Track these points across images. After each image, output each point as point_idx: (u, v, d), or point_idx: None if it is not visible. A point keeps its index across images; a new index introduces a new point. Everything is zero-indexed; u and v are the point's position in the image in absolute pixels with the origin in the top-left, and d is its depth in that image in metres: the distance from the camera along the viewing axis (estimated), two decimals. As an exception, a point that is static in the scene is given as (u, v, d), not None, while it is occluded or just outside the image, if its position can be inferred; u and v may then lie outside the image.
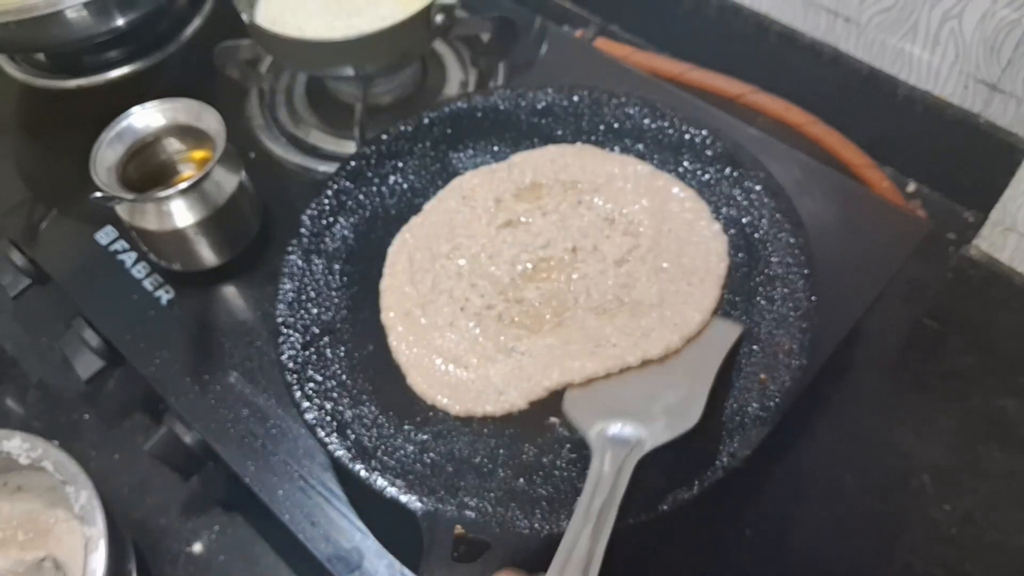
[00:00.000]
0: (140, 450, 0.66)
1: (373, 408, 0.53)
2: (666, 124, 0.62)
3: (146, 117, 0.64)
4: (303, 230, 0.59)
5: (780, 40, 0.77)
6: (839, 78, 0.76)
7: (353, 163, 0.63)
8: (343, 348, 0.56)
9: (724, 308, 0.55)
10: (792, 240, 0.55)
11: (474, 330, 0.55)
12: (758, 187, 0.58)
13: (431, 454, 0.51)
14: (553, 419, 0.52)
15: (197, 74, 0.79)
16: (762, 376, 0.50)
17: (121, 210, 0.63)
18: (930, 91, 0.71)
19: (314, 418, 0.51)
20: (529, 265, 0.57)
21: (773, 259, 0.55)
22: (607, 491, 0.44)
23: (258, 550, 0.64)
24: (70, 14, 0.72)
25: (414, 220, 0.61)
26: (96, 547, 0.54)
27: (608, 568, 0.54)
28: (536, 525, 0.46)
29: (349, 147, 0.73)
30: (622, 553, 0.55)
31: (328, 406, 0.52)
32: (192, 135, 0.65)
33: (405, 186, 0.64)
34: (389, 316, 0.57)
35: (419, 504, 0.47)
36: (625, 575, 0.55)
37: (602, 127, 0.64)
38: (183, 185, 0.60)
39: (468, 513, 0.47)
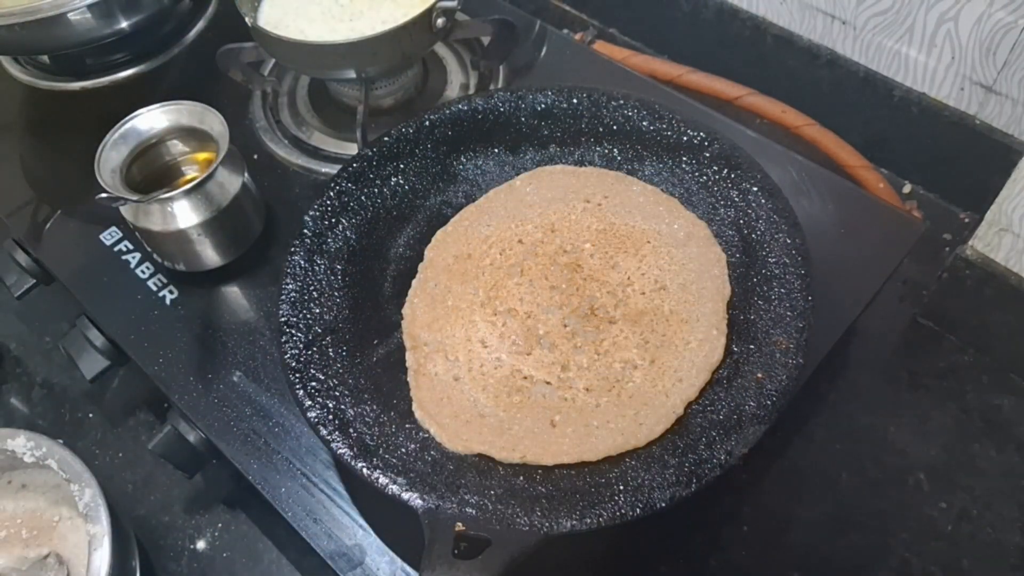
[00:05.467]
0: (144, 448, 0.67)
1: (375, 407, 0.54)
2: (664, 126, 0.63)
3: (150, 119, 0.65)
4: (306, 231, 0.60)
5: (777, 43, 0.78)
6: (836, 80, 0.76)
7: (355, 164, 0.63)
8: (345, 348, 0.56)
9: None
10: (789, 241, 0.56)
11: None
12: (755, 188, 0.59)
13: (432, 452, 0.52)
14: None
15: (201, 76, 0.80)
16: (759, 375, 0.51)
17: (125, 211, 0.63)
18: (926, 93, 0.72)
19: (316, 416, 0.52)
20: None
21: (770, 259, 0.56)
22: None
23: (261, 547, 0.65)
24: (74, 16, 0.72)
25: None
26: (100, 544, 0.55)
27: (609, 565, 0.55)
28: (536, 523, 0.47)
29: (351, 149, 0.73)
30: (622, 549, 0.55)
31: (330, 404, 0.53)
32: (196, 137, 0.66)
33: (406, 187, 0.64)
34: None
35: (420, 501, 0.48)
36: (625, 571, 0.55)
37: (601, 129, 0.64)
38: (187, 186, 0.61)
39: (468, 510, 0.47)
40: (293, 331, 0.55)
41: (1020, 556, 0.56)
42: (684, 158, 0.62)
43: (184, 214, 0.62)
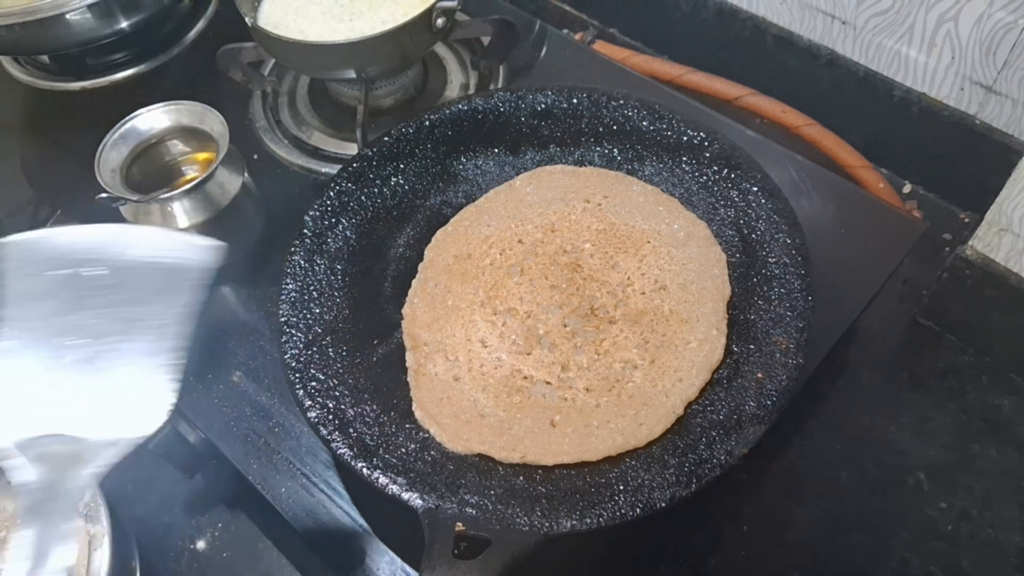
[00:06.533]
0: (144, 448, 0.66)
1: (375, 407, 0.54)
2: (664, 126, 0.63)
3: (150, 119, 0.65)
4: (306, 231, 0.60)
5: (777, 43, 0.78)
6: (836, 80, 0.76)
7: (355, 164, 0.63)
8: (345, 348, 0.56)
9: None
10: (789, 241, 0.56)
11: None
12: (755, 188, 0.59)
13: (432, 452, 0.52)
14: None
15: (201, 77, 0.80)
16: (759, 375, 0.51)
17: (126, 211, 0.63)
18: (926, 93, 0.72)
19: (316, 416, 0.52)
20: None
21: (771, 259, 0.56)
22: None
23: (261, 547, 0.64)
24: (74, 16, 0.73)
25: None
26: (100, 544, 0.55)
27: (609, 565, 0.55)
28: (536, 523, 0.47)
29: (351, 149, 0.73)
30: (622, 549, 0.55)
31: (330, 404, 0.53)
32: (196, 137, 0.66)
33: (406, 187, 0.64)
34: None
35: (420, 501, 0.48)
36: (625, 571, 0.55)
37: (601, 129, 0.64)
38: (187, 186, 0.61)
39: (468, 510, 0.48)
40: (293, 331, 0.55)
41: (1020, 556, 0.56)
42: (684, 158, 0.62)
43: (184, 214, 0.62)
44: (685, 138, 0.62)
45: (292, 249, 0.59)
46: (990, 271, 0.61)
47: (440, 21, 0.67)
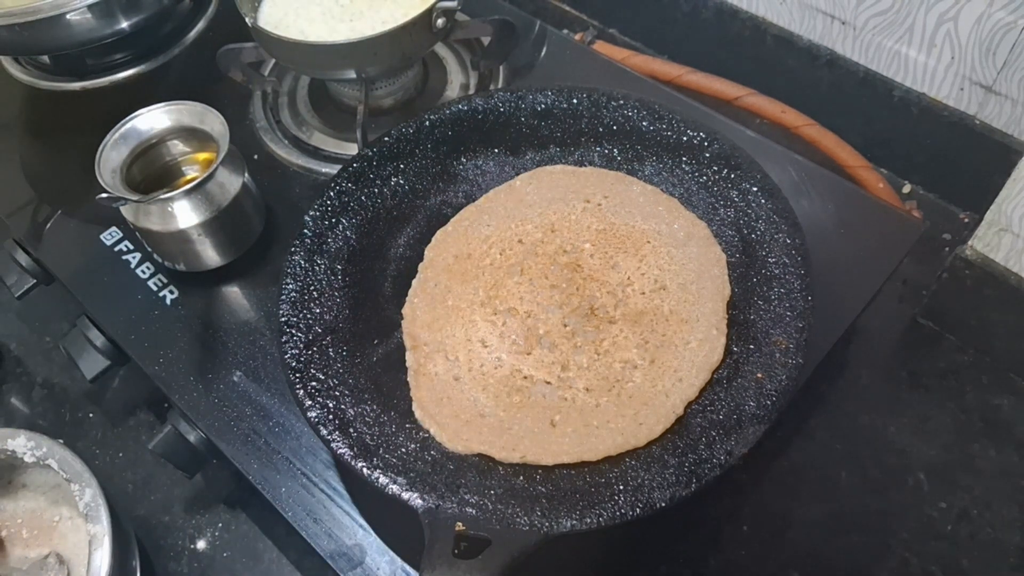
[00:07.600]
0: (144, 448, 0.67)
1: (375, 407, 0.54)
2: (664, 126, 0.63)
3: (151, 119, 0.65)
4: (306, 231, 0.60)
5: (777, 43, 0.78)
6: (836, 80, 0.76)
7: (355, 164, 0.63)
8: (345, 348, 0.56)
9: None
10: (789, 241, 0.56)
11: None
12: (755, 188, 0.59)
13: (432, 452, 0.52)
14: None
15: (201, 77, 0.80)
16: (759, 375, 0.51)
17: (126, 211, 0.63)
18: (926, 93, 0.72)
19: (316, 416, 0.52)
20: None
21: (770, 260, 0.56)
22: None
23: (261, 547, 0.65)
24: (74, 16, 0.72)
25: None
26: (100, 544, 0.55)
27: (609, 565, 0.55)
28: (536, 522, 0.47)
29: (351, 149, 0.73)
30: (622, 549, 0.55)
31: (330, 404, 0.53)
32: (196, 137, 0.66)
33: (407, 187, 0.64)
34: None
35: (420, 501, 0.48)
36: (625, 571, 0.55)
37: (601, 129, 0.64)
38: (187, 186, 0.61)
39: (469, 510, 0.47)
40: (293, 331, 0.55)
41: (1020, 556, 0.56)
42: (684, 158, 0.62)
43: (184, 214, 0.62)
44: (685, 138, 0.62)
45: (292, 249, 0.59)
46: (990, 271, 0.61)
47: (440, 21, 0.67)
